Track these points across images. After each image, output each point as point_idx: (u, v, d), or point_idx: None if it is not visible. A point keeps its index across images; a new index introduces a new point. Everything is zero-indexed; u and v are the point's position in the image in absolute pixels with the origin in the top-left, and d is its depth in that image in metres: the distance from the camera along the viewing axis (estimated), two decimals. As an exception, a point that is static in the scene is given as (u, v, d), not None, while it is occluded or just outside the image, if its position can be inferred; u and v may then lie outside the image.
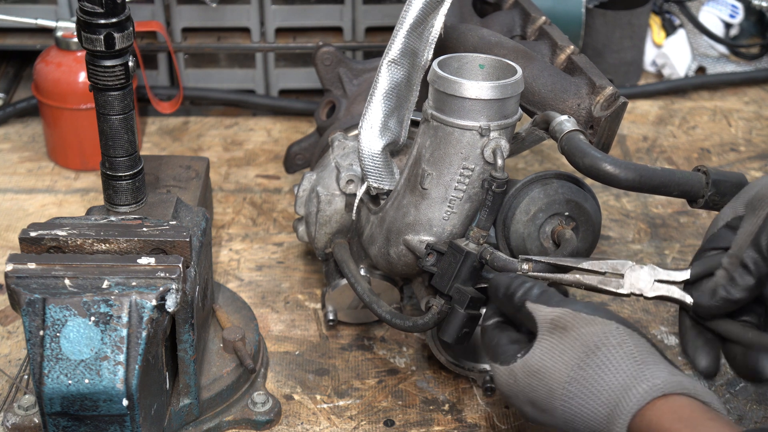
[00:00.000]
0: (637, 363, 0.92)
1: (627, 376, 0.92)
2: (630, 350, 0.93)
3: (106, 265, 1.03)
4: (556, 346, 0.96)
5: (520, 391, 0.98)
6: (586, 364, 0.94)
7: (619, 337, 0.94)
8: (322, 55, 1.45)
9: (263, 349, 1.28)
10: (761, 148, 1.72)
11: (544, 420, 0.98)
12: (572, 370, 0.94)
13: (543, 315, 0.98)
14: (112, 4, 1.03)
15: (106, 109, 1.09)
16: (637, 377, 0.91)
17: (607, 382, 0.92)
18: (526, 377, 0.97)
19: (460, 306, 1.11)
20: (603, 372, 0.93)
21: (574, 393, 0.94)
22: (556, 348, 0.96)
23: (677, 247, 1.49)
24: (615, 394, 0.91)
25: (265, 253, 1.47)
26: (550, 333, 0.97)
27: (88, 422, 1.01)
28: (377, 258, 1.24)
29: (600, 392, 0.92)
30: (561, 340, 0.96)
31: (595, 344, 0.94)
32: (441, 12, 1.15)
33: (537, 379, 0.97)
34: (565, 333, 0.96)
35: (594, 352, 0.94)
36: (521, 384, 0.98)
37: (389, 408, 1.23)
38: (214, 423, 1.18)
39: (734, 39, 1.95)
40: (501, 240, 1.16)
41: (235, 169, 1.65)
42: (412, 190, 1.15)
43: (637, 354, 0.93)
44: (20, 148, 1.68)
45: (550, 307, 0.98)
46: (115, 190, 1.13)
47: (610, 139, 1.16)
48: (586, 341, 0.95)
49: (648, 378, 0.91)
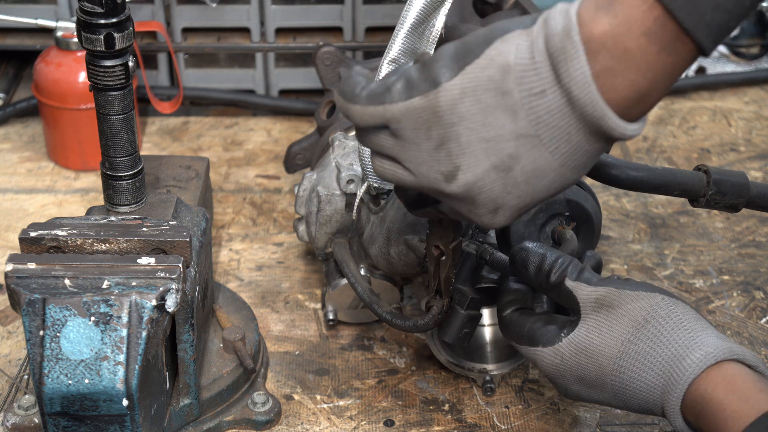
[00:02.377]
0: (687, 332, 0.93)
1: (679, 345, 0.93)
2: (679, 320, 0.94)
3: (106, 265, 1.03)
4: (603, 323, 0.97)
5: (567, 370, 0.99)
6: (637, 338, 0.94)
7: (666, 308, 0.95)
8: (322, 55, 1.45)
9: (263, 349, 1.28)
10: (761, 148, 1.72)
11: (591, 396, 0.99)
12: (623, 345, 0.95)
13: (586, 294, 0.99)
14: (112, 4, 1.03)
15: (106, 109, 1.08)
16: (689, 346, 0.92)
17: (659, 353, 0.93)
18: (574, 355, 0.98)
19: (460, 306, 1.11)
20: (654, 344, 0.94)
21: (626, 367, 0.94)
22: (603, 325, 0.97)
23: (677, 247, 1.49)
24: (668, 364, 0.92)
25: (265, 253, 1.47)
26: (596, 312, 0.98)
27: (88, 422, 1.01)
28: (377, 258, 1.24)
29: (653, 364, 0.93)
30: (608, 318, 0.97)
31: (644, 318, 0.95)
32: (442, 12, 1.15)
33: (585, 356, 0.97)
34: (612, 310, 0.97)
35: (644, 326, 0.94)
36: (569, 363, 0.99)
37: (389, 408, 1.23)
38: (214, 423, 1.18)
39: (734, 39, 1.95)
40: (501, 240, 1.16)
41: (235, 169, 1.65)
42: (412, 190, 1.15)
43: (686, 323, 0.94)
44: (20, 148, 1.68)
45: (592, 287, 0.99)
46: (115, 190, 1.13)
47: (611, 139, 1.16)
48: (635, 316, 0.95)
49: (700, 346, 0.92)
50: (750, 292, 1.41)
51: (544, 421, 1.21)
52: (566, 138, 0.84)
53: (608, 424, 1.20)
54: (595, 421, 1.21)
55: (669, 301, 0.96)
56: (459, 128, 0.85)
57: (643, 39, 0.80)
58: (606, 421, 1.21)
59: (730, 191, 1.04)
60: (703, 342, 0.92)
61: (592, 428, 1.20)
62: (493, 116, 0.84)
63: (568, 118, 0.83)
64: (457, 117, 0.85)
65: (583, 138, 0.84)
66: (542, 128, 0.84)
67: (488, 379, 1.24)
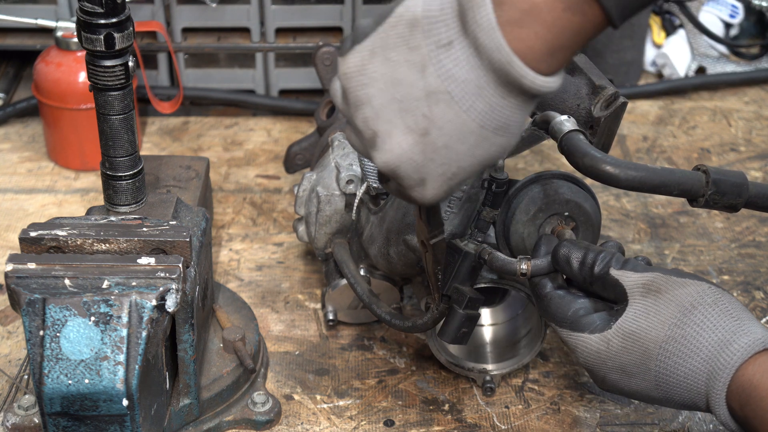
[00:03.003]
0: (734, 319, 0.94)
1: (726, 331, 0.93)
2: (726, 307, 0.95)
3: (106, 265, 1.03)
4: (650, 307, 0.97)
5: (610, 357, 0.98)
6: (683, 323, 0.94)
7: (713, 296, 0.96)
8: (322, 55, 1.45)
9: (263, 349, 1.28)
10: (761, 148, 1.72)
11: (630, 386, 0.98)
12: (670, 329, 0.95)
13: (633, 281, 0.99)
14: (112, 4, 1.03)
15: (106, 109, 1.09)
16: (735, 332, 0.92)
17: (706, 338, 0.93)
18: (621, 341, 0.98)
19: (458, 306, 1.11)
20: (701, 329, 0.94)
21: (672, 351, 0.94)
22: (650, 309, 0.97)
23: (677, 247, 1.49)
24: (715, 350, 0.92)
25: (265, 253, 1.47)
26: (643, 296, 0.98)
27: (88, 422, 1.01)
28: (377, 258, 1.24)
29: (699, 349, 0.93)
30: (656, 302, 0.97)
31: (691, 303, 0.95)
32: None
33: (632, 341, 0.97)
34: (660, 295, 0.97)
35: (691, 311, 0.95)
36: (614, 349, 0.98)
37: (389, 408, 1.23)
38: (214, 423, 1.18)
39: (734, 39, 1.95)
40: (501, 240, 1.16)
41: (235, 169, 1.65)
42: (412, 190, 1.15)
43: (733, 311, 0.94)
44: (20, 148, 1.68)
45: (638, 273, 0.99)
46: (115, 190, 1.13)
47: (610, 139, 1.16)
48: (682, 301, 0.96)
49: (747, 332, 0.92)
50: (750, 292, 1.41)
51: (544, 421, 1.21)
52: (478, 92, 0.82)
53: (608, 424, 1.20)
54: (595, 421, 1.21)
55: (715, 290, 0.97)
56: (370, 89, 0.84)
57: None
58: (606, 421, 1.21)
59: (729, 191, 1.04)
60: (750, 329, 0.93)
61: (592, 428, 1.20)
62: (402, 73, 0.82)
63: (477, 69, 0.81)
64: (367, 78, 0.84)
65: (495, 92, 0.82)
66: (452, 83, 0.81)
67: (488, 379, 1.24)
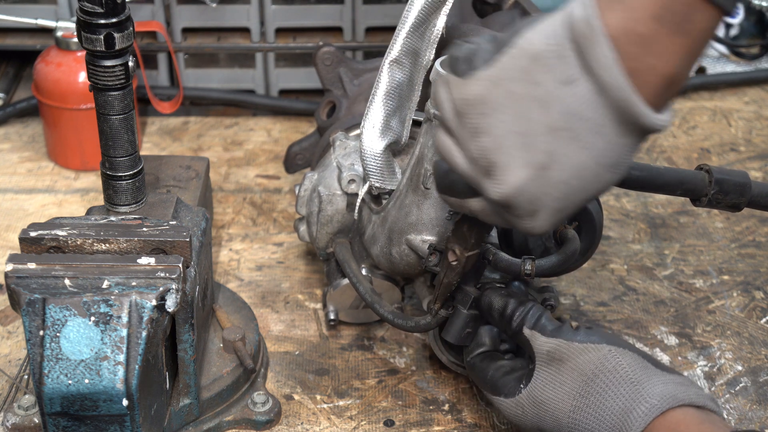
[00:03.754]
0: (633, 384, 0.96)
1: (626, 399, 0.95)
2: (625, 372, 0.97)
3: (106, 265, 1.03)
4: (555, 377, 1.00)
5: (528, 420, 1.02)
6: (587, 392, 0.97)
7: (613, 361, 0.98)
8: (322, 55, 1.45)
9: (263, 349, 1.28)
10: (761, 148, 1.72)
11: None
12: (575, 399, 0.98)
13: (539, 345, 1.02)
14: (112, 4, 1.03)
15: (106, 109, 1.08)
16: (635, 399, 0.94)
17: (609, 407, 0.96)
18: (533, 408, 1.01)
19: (462, 306, 1.11)
20: (604, 398, 0.96)
21: (579, 421, 0.97)
22: (555, 379, 1.00)
23: (677, 247, 1.49)
24: (618, 418, 0.95)
25: (265, 253, 1.47)
26: (548, 365, 1.01)
27: (88, 422, 1.01)
28: (379, 258, 1.24)
29: (604, 418, 0.96)
30: (559, 372, 1.00)
31: (593, 372, 0.98)
32: (443, 12, 1.15)
33: (543, 409, 1.00)
34: (562, 364, 1.00)
35: (593, 380, 0.97)
36: (529, 414, 1.02)
37: (389, 408, 1.23)
38: (214, 423, 1.18)
39: (734, 39, 1.95)
40: (502, 240, 1.16)
41: (235, 169, 1.65)
42: (414, 190, 1.15)
43: (632, 374, 0.96)
44: (20, 148, 1.68)
45: (545, 337, 1.02)
46: (115, 190, 1.13)
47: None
48: (584, 370, 0.98)
49: (645, 398, 0.94)
50: (750, 292, 1.41)
51: (545, 421, 1.21)
52: (598, 130, 0.82)
53: (609, 425, 1.20)
54: (596, 422, 1.21)
55: (616, 353, 0.98)
56: (491, 120, 0.84)
57: (652, 23, 0.80)
58: (607, 421, 1.21)
59: (731, 190, 1.04)
60: (648, 393, 0.94)
61: (593, 428, 1.20)
62: (524, 108, 0.83)
63: (600, 108, 0.82)
64: (489, 109, 0.84)
65: (615, 130, 0.83)
66: (576, 121, 0.82)
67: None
